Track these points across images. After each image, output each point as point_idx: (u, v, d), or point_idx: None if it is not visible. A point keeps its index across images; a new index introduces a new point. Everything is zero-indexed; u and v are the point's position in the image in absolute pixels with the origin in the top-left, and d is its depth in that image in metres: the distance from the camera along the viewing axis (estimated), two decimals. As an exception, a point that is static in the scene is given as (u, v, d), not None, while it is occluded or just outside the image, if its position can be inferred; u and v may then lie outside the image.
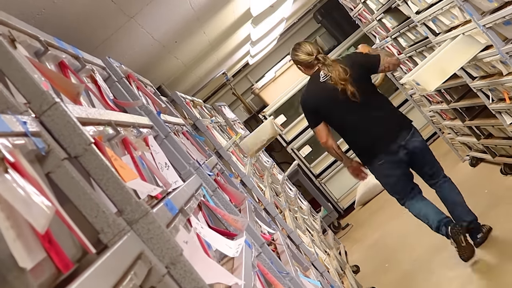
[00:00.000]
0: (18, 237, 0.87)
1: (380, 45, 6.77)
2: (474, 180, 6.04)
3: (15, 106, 1.19)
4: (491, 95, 4.78)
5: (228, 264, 2.12)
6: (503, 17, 3.75)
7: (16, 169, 0.93)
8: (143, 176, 1.72)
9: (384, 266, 6.00)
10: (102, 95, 2.13)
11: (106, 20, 3.24)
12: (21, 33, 1.57)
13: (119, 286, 1.00)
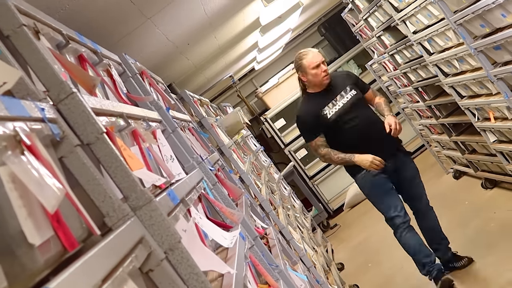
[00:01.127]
0: (29, 215, 0.87)
1: (377, 60, 6.78)
2: (456, 191, 6.04)
3: (35, 93, 1.19)
4: (477, 114, 4.79)
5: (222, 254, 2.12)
6: (493, 42, 3.76)
7: (31, 152, 0.93)
8: (149, 166, 1.72)
9: (367, 266, 6.00)
10: (116, 89, 2.13)
11: (125, 19, 3.25)
12: (45, 26, 1.57)
13: (120, 267, 1.00)
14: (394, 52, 5.93)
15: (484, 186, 5.53)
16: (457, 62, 4.59)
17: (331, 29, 9.93)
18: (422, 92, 5.90)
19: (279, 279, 2.52)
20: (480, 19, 3.77)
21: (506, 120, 4.34)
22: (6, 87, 1.01)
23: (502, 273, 4.04)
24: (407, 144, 8.95)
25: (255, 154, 6.77)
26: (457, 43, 4.37)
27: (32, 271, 0.86)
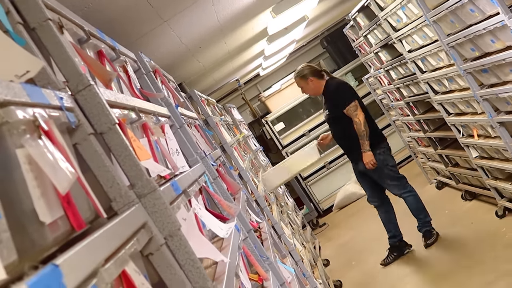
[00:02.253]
0: (42, 195, 0.87)
1: (373, 74, 6.79)
2: (438, 201, 6.05)
3: (55, 83, 1.19)
4: (462, 130, 4.79)
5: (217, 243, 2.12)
6: (482, 65, 3.76)
7: (48, 137, 0.93)
8: (156, 158, 1.72)
9: (351, 264, 6.00)
10: (131, 84, 2.13)
11: (143, 20, 3.25)
12: (69, 21, 1.57)
13: (123, 249, 1.00)
14: (389, 68, 5.93)
15: (464, 198, 5.54)
16: (447, 81, 4.59)
17: (333, 42, 9.94)
18: (413, 107, 5.91)
19: (269, 270, 2.52)
20: (471, 43, 3.78)
21: (489, 138, 4.34)
22: (29, 76, 1.01)
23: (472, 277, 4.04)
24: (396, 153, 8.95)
25: (254, 153, 6.77)
26: (448, 63, 4.38)
27: (41, 247, 0.86)
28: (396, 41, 5.10)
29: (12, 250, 0.75)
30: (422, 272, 4.70)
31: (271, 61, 8.98)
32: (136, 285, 0.99)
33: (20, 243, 0.79)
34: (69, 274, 0.72)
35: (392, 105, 6.62)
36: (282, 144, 9.45)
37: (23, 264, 0.77)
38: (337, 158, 9.35)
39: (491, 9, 3.31)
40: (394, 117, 7.02)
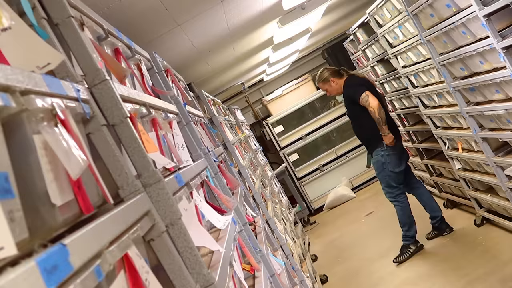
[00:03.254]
0: (55, 179, 0.87)
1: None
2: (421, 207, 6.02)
3: (73, 76, 1.19)
4: (447, 143, 4.79)
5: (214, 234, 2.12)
6: (470, 84, 3.76)
7: (64, 125, 0.93)
8: (163, 151, 1.72)
9: (337, 260, 6.00)
10: (143, 81, 2.13)
11: (158, 23, 3.25)
12: (90, 19, 1.57)
13: (126, 234, 1.00)
14: (384, 81, 5.93)
15: (446, 206, 5.54)
16: (437, 97, 4.59)
17: (333, 54, 9.94)
18: (403, 119, 5.91)
19: (261, 262, 2.52)
20: (461, 63, 3.78)
21: (472, 152, 4.34)
22: (49, 67, 1.01)
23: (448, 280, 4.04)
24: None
25: (254, 153, 6.77)
26: (439, 80, 4.38)
27: (51, 227, 0.86)
28: (392, 56, 5.10)
29: (24, 228, 0.75)
30: (402, 272, 4.70)
31: (274, 68, 8.99)
32: (137, 268, 0.99)
33: (32, 222, 0.79)
34: (75, 254, 0.72)
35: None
36: (280, 145, 9.45)
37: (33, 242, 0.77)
38: (330, 162, 9.36)
39: (482, 33, 3.31)
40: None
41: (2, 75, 0.76)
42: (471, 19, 3.32)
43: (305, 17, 4.98)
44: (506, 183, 3.87)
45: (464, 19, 3.38)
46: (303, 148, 9.44)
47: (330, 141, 9.45)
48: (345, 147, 9.32)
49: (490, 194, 4.44)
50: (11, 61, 0.92)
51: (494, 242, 4.32)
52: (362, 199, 8.26)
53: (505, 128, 3.63)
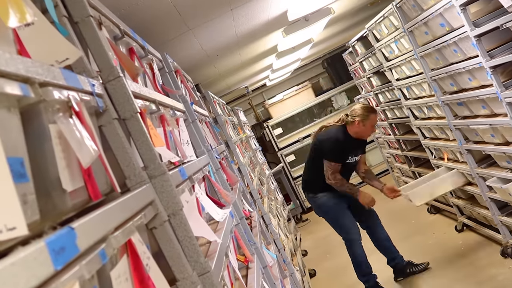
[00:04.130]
0: (67, 167, 0.87)
1: (364, 96, 6.78)
2: (406, 211, 6.04)
3: (89, 71, 1.19)
4: (434, 153, 4.79)
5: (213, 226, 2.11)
6: (458, 99, 3.76)
7: (78, 117, 0.93)
8: (169, 146, 1.72)
9: (326, 256, 6.00)
10: (154, 80, 2.13)
11: (171, 26, 3.25)
12: (107, 19, 1.57)
13: (131, 221, 1.00)
14: (378, 92, 5.93)
15: (429, 211, 5.54)
16: (426, 109, 4.59)
17: (332, 64, 9.94)
18: (394, 128, 5.91)
19: (254, 254, 2.52)
20: (451, 79, 3.78)
21: (457, 162, 4.34)
22: (67, 62, 1.01)
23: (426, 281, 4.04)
24: (375, 166, 8.96)
25: (253, 152, 6.77)
26: (429, 94, 4.38)
27: (61, 211, 0.86)
28: (387, 69, 5.10)
29: (36, 211, 0.75)
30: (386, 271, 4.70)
31: (277, 74, 8.99)
32: (139, 253, 0.99)
33: (43, 205, 0.79)
34: (82, 237, 0.72)
35: (377, 124, 6.62)
36: (278, 146, 9.45)
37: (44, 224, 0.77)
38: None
39: (472, 52, 3.31)
40: (378, 135, 7.02)
41: (23, 67, 0.76)
42: (463, 39, 3.32)
43: (308, 28, 4.98)
44: (487, 193, 3.87)
45: (456, 38, 3.38)
46: (300, 150, 9.44)
47: (325, 145, 9.45)
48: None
49: (471, 202, 4.44)
50: (32, 55, 0.93)
51: (473, 247, 4.32)
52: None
53: (489, 142, 3.63)
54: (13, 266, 0.53)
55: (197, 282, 1.22)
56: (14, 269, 0.53)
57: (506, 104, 3.06)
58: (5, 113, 0.72)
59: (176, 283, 1.19)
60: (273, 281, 2.66)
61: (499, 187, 3.51)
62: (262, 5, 3.69)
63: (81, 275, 0.69)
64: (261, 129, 10.09)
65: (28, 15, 0.88)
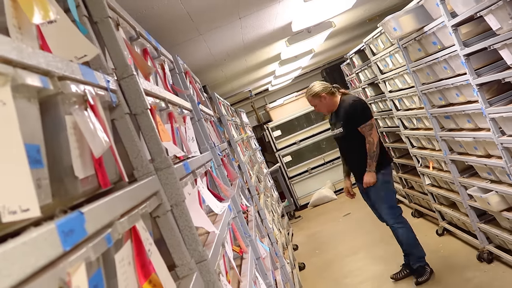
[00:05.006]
0: (80, 156, 0.87)
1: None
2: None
3: (105, 68, 1.19)
4: (421, 161, 4.79)
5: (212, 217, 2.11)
6: (445, 112, 3.76)
7: (92, 110, 0.93)
8: (175, 141, 1.72)
9: (315, 251, 6.00)
10: (165, 80, 2.13)
11: (183, 31, 3.25)
12: (125, 21, 1.57)
13: (136, 209, 1.00)
14: (372, 102, 5.93)
15: (413, 215, 5.54)
16: (416, 120, 4.59)
17: (331, 74, 9.94)
18: (385, 136, 5.91)
19: (249, 246, 2.51)
20: (440, 94, 3.77)
21: (441, 171, 4.34)
22: (85, 59, 1.01)
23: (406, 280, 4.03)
24: (365, 170, 8.95)
25: (253, 151, 6.76)
26: (419, 106, 4.38)
27: (72, 196, 0.86)
28: (381, 81, 5.10)
29: (49, 195, 0.75)
30: (368, 270, 4.70)
31: (279, 80, 8.99)
32: (142, 239, 0.98)
33: (56, 190, 0.79)
34: (90, 221, 0.72)
35: (369, 132, 6.61)
36: (276, 147, 9.45)
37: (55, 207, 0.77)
38: (318, 166, 9.37)
39: (461, 69, 3.31)
40: (369, 142, 7.02)
41: (44, 61, 0.76)
42: (453, 57, 3.31)
43: (310, 39, 4.98)
44: (467, 201, 3.87)
45: (446, 56, 3.38)
46: (296, 152, 9.45)
47: (320, 148, 9.46)
48: (332, 155, 9.32)
49: (452, 209, 4.44)
50: (53, 50, 0.92)
51: (452, 250, 4.32)
52: (342, 201, 8.26)
53: (472, 154, 3.63)
54: (24, 245, 0.53)
55: (194, 269, 1.22)
56: (26, 248, 0.53)
57: (489, 119, 3.06)
58: (25, 103, 0.72)
59: (175, 268, 1.19)
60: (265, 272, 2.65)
61: (479, 196, 3.51)
62: (269, 15, 3.69)
63: (87, 256, 0.69)
64: (262, 131, 10.09)
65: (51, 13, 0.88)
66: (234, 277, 1.95)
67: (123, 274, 0.90)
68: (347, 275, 4.77)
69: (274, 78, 8.21)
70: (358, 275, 4.65)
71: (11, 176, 0.58)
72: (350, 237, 5.94)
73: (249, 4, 3.19)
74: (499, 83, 2.97)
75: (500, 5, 2.50)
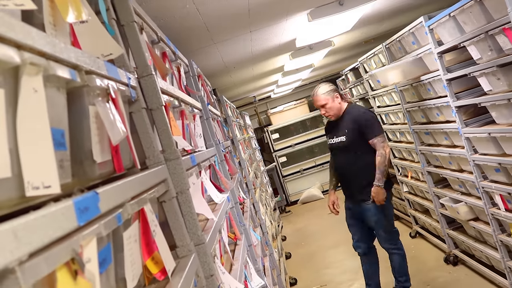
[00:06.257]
0: (99, 142, 0.87)
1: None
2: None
3: (128, 66, 1.19)
4: (401, 170, 4.79)
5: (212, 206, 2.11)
6: (426, 129, 3.76)
7: (113, 103, 0.93)
8: (184, 136, 1.72)
9: (301, 243, 6.00)
10: (180, 81, 2.13)
11: (199, 39, 3.24)
12: (148, 26, 1.57)
13: (145, 193, 1.00)
14: (361, 115, 5.93)
15: (391, 218, 5.53)
16: (399, 134, 4.59)
17: (327, 87, 9.92)
18: (371, 146, 5.90)
19: (243, 234, 2.51)
20: (422, 112, 3.77)
21: (418, 181, 4.34)
22: (110, 57, 1.01)
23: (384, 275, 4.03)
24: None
25: (253, 150, 6.76)
26: (403, 122, 4.38)
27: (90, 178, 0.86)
28: (371, 97, 5.10)
29: (69, 175, 0.75)
30: (347, 263, 4.70)
31: (281, 89, 8.99)
32: (148, 221, 0.98)
33: (75, 171, 0.79)
34: (104, 201, 0.72)
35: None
36: (274, 148, 9.45)
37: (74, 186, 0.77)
38: (309, 168, 9.37)
39: (442, 92, 3.31)
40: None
41: (74, 56, 0.76)
42: (436, 81, 3.31)
43: (311, 55, 4.98)
44: (439, 209, 3.87)
45: (430, 79, 3.38)
46: (291, 154, 9.44)
47: (312, 152, 9.46)
48: (323, 159, 9.33)
49: (425, 215, 4.44)
50: (83, 47, 0.92)
51: (422, 252, 4.32)
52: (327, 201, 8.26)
53: (446, 167, 3.63)
54: (44, 217, 0.53)
55: (193, 250, 1.22)
56: (45, 220, 0.53)
57: (464, 138, 3.06)
58: (54, 91, 0.72)
59: (175, 249, 1.19)
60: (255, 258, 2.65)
61: (450, 205, 3.51)
62: (276, 31, 3.69)
63: (99, 232, 0.69)
64: (262, 133, 10.08)
65: (84, 14, 0.88)
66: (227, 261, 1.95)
67: (129, 250, 0.90)
68: (328, 266, 4.77)
69: (277, 87, 8.21)
70: (338, 267, 4.65)
71: (37, 155, 0.58)
72: (333, 233, 5.94)
73: (260, 20, 3.19)
74: (475, 106, 2.97)
75: (482, 38, 2.50)
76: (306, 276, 4.72)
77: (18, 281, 0.45)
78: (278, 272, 3.92)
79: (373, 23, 4.65)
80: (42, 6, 0.79)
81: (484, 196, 3.00)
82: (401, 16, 4.64)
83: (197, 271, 1.21)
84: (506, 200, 2.78)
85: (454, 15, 2.71)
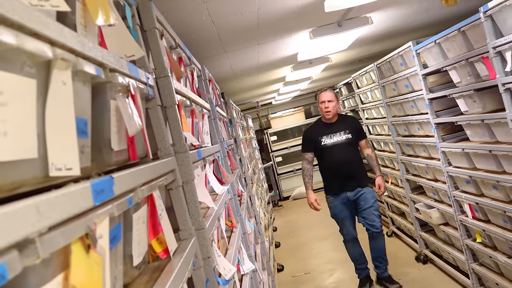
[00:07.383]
0: (117, 132, 0.87)
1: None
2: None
3: (147, 67, 1.19)
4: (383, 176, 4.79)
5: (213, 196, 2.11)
6: (407, 141, 3.76)
7: (132, 99, 0.93)
8: (193, 132, 1.71)
9: (290, 235, 6.00)
10: (192, 83, 2.13)
11: (212, 48, 3.24)
12: (168, 33, 1.57)
13: (155, 181, 1.00)
14: (351, 125, 5.92)
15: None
16: (383, 144, 4.59)
17: (322, 98, 9.91)
18: (357, 153, 5.90)
19: (239, 222, 2.51)
20: (405, 126, 3.77)
21: (397, 186, 4.34)
22: (133, 58, 1.01)
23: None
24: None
25: (253, 149, 6.76)
26: (387, 133, 4.38)
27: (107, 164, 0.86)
28: (361, 110, 5.10)
29: (88, 159, 0.75)
30: (331, 255, 4.70)
31: (282, 97, 8.98)
32: (156, 205, 0.99)
33: (94, 157, 0.79)
34: (118, 185, 0.72)
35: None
36: (271, 149, 9.45)
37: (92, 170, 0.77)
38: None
39: (424, 109, 3.31)
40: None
41: (100, 54, 0.76)
42: (419, 99, 3.31)
43: (310, 68, 4.98)
44: (414, 213, 3.87)
45: (415, 97, 3.38)
46: (286, 155, 9.44)
47: (305, 155, 9.46)
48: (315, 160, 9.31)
49: (401, 217, 4.43)
50: (109, 47, 0.92)
51: (396, 249, 4.32)
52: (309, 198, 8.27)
53: (423, 176, 3.62)
54: (64, 196, 0.53)
55: (193, 234, 1.22)
56: (65, 198, 0.53)
57: (441, 152, 3.06)
58: (81, 85, 0.72)
59: (178, 232, 1.19)
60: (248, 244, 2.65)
61: (423, 210, 3.51)
62: (281, 46, 3.69)
63: (111, 212, 0.69)
64: (262, 134, 10.08)
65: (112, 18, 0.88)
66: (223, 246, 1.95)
67: (137, 230, 0.90)
68: (314, 256, 4.77)
69: (278, 94, 8.21)
70: (323, 257, 4.65)
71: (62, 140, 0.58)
72: (320, 227, 5.94)
73: (267, 35, 3.19)
74: (452, 124, 2.97)
75: (462, 64, 2.50)
76: (293, 264, 4.72)
77: (37, 251, 0.45)
78: (268, 258, 3.92)
79: (367, 44, 4.64)
80: (75, 9, 0.79)
81: (454, 204, 3.00)
82: (392, 39, 4.64)
83: (196, 252, 1.21)
84: (474, 209, 2.78)
85: (439, 42, 2.71)
